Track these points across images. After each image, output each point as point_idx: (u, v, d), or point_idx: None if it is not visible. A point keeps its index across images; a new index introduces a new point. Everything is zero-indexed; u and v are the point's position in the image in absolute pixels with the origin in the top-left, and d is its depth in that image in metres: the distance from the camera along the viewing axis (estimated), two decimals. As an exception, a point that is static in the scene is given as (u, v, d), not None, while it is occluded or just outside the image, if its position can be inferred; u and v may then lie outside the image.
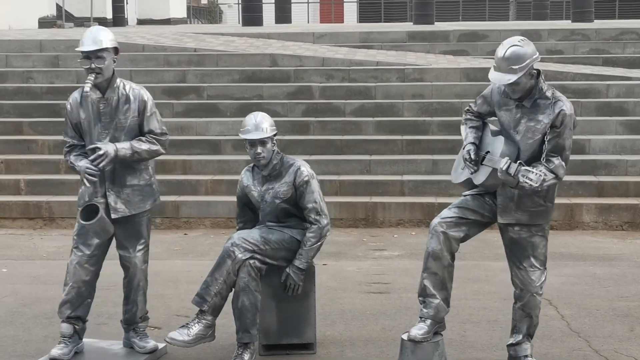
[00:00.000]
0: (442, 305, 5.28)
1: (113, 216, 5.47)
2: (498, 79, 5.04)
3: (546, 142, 5.07)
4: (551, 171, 5.00)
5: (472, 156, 5.18)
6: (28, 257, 8.83)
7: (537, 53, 5.10)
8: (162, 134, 5.56)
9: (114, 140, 5.40)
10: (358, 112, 12.25)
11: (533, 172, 4.81)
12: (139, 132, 5.49)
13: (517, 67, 4.97)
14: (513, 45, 5.06)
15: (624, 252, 8.92)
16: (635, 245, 9.23)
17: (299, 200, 5.68)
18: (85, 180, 5.33)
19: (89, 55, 5.36)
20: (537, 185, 4.80)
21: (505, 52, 5.02)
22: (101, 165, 5.28)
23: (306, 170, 5.70)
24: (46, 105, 12.57)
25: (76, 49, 5.50)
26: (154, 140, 5.50)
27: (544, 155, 5.05)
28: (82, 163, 5.34)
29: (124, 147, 5.36)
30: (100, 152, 5.27)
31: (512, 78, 4.97)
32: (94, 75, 5.35)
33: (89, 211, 5.32)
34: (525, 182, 4.81)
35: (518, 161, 4.94)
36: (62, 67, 13.87)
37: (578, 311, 6.76)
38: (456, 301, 5.56)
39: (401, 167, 11.08)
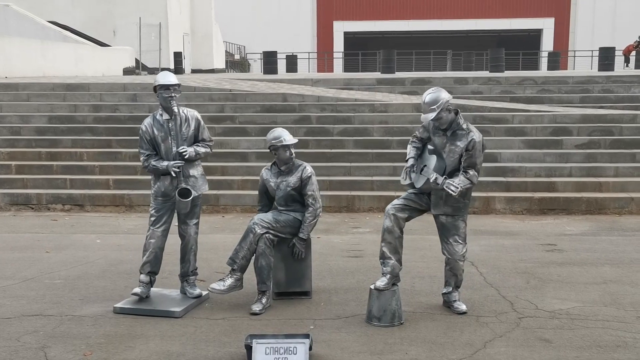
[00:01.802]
0: (396, 264, 5.28)
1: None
2: (425, 117, 5.16)
3: (463, 161, 5.18)
4: (468, 179, 5.11)
5: (413, 168, 5.32)
6: (114, 232, 8.82)
7: (449, 96, 5.19)
8: (210, 140, 5.72)
9: (180, 146, 5.52)
10: (342, 133, 12.23)
11: (454, 185, 4.94)
12: (195, 139, 5.60)
13: (435, 106, 5.08)
14: (429, 94, 5.18)
15: (523, 229, 8.92)
16: (531, 225, 9.23)
17: (302, 189, 5.69)
18: (172, 172, 5.39)
19: (169, 87, 5.42)
20: (456, 194, 4.93)
21: (425, 99, 5.18)
22: (187, 157, 5.43)
23: (309, 169, 5.76)
24: (128, 128, 12.54)
25: (162, 82, 5.43)
26: (206, 145, 5.66)
27: (462, 167, 5.16)
28: (167, 163, 5.44)
29: (192, 150, 5.51)
30: (187, 149, 5.45)
31: (433, 115, 5.10)
32: (175, 101, 5.47)
33: (183, 192, 5.44)
34: (449, 190, 4.92)
35: (444, 175, 5.07)
36: (139, 102, 13.84)
37: (491, 269, 6.77)
38: (408, 263, 5.56)
39: (371, 171, 11.07)
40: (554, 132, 11.99)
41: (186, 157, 5.44)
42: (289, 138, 5.67)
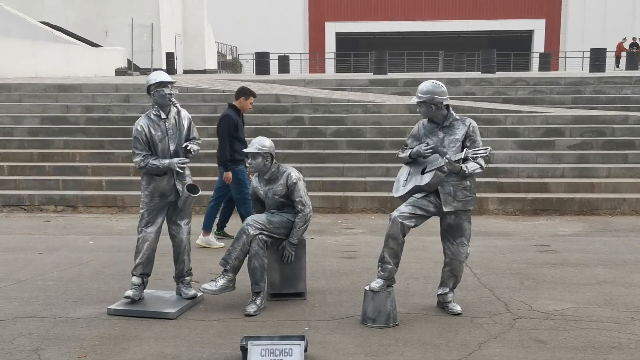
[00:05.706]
0: (393, 269, 5.27)
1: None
2: (413, 100, 5.25)
3: (467, 146, 5.15)
4: (477, 163, 5.13)
5: (426, 147, 5.20)
6: (107, 233, 8.78)
7: (444, 94, 5.18)
8: (199, 138, 5.76)
9: (177, 145, 5.54)
10: (335, 134, 12.23)
11: (479, 149, 4.95)
12: (186, 138, 5.62)
13: (421, 95, 5.15)
14: (428, 84, 5.20)
15: (516, 230, 8.94)
16: (524, 225, 9.25)
17: (290, 196, 5.66)
18: (177, 169, 5.42)
19: (167, 85, 5.43)
20: (486, 153, 4.91)
21: (420, 85, 5.22)
22: (191, 155, 5.53)
23: (294, 175, 5.68)
24: (120, 129, 12.50)
25: (159, 80, 5.41)
26: (197, 143, 5.68)
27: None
28: (167, 161, 5.42)
29: (195, 146, 5.60)
30: (192, 145, 5.54)
31: (414, 100, 5.21)
32: (174, 99, 5.50)
33: (191, 187, 5.51)
34: (477, 154, 4.92)
35: (462, 151, 5.03)
36: (132, 102, 13.80)
37: (485, 270, 6.78)
38: (403, 264, 5.54)
39: (364, 172, 11.06)
40: (547, 133, 12.03)
41: (193, 153, 5.53)
42: (252, 146, 5.62)
